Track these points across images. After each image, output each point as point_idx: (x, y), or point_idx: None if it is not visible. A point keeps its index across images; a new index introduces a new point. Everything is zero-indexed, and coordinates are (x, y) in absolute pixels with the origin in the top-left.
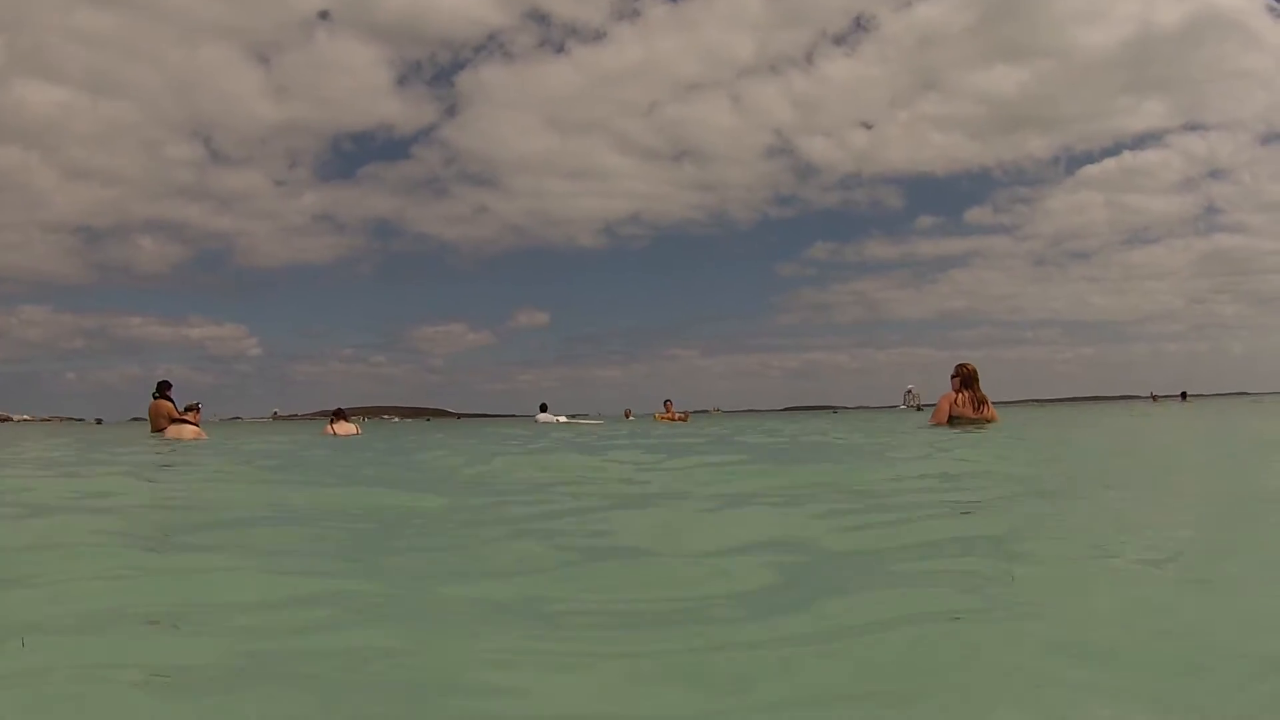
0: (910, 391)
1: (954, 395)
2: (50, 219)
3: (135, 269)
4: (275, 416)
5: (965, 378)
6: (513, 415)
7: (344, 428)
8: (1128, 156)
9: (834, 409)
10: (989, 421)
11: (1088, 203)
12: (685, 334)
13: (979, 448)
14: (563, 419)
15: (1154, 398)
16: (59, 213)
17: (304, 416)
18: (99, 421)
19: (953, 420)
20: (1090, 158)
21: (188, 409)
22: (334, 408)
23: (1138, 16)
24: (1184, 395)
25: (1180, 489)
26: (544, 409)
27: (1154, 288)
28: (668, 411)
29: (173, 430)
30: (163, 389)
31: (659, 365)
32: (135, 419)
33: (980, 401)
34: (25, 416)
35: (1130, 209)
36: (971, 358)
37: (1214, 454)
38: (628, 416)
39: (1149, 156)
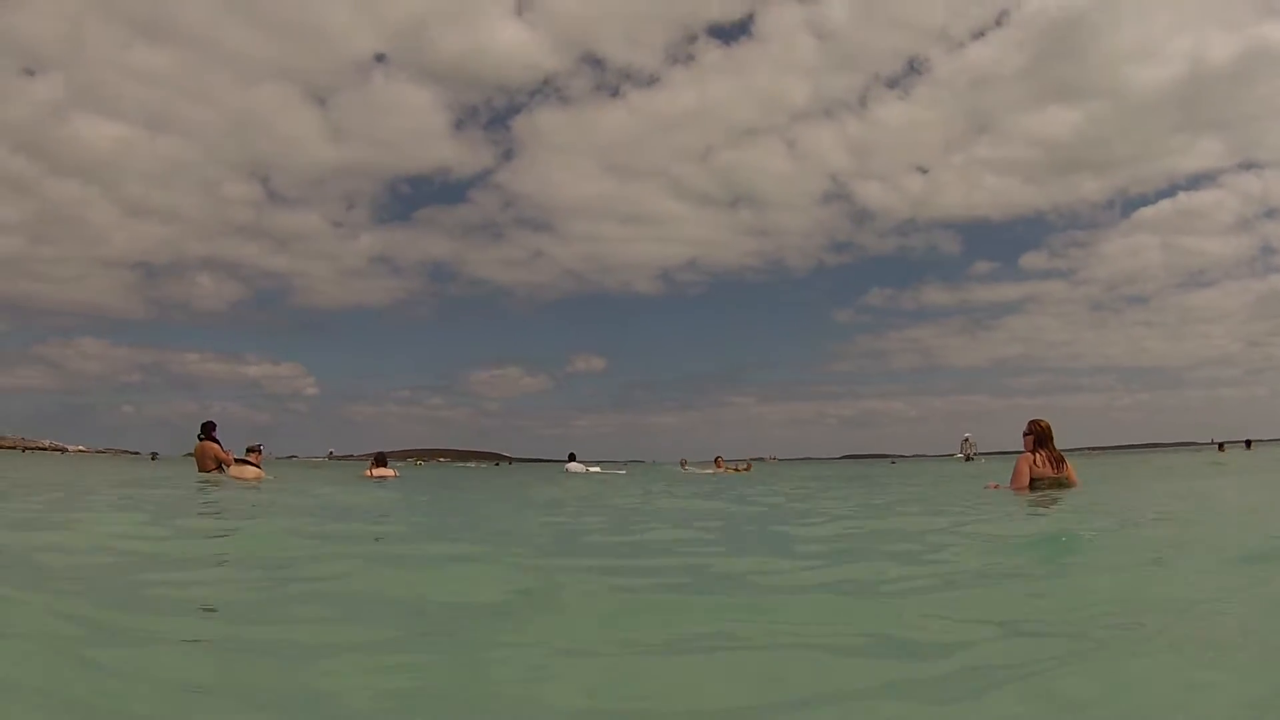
0: (967, 440)
1: (1031, 456)
2: (109, 254)
3: (192, 306)
4: (331, 456)
5: (1039, 435)
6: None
7: (382, 471)
8: (1183, 198)
9: (891, 459)
10: (1070, 483)
11: (1143, 246)
12: (742, 381)
13: None
14: (595, 469)
15: (1220, 446)
16: (117, 249)
17: (359, 457)
18: (154, 456)
19: (1033, 484)
20: (1145, 200)
21: (250, 450)
22: (385, 450)
23: (1189, 54)
24: (1248, 443)
25: None
26: (572, 458)
27: (1210, 331)
28: (718, 465)
29: (235, 470)
30: (208, 430)
31: (715, 412)
32: (189, 454)
33: (1059, 460)
34: (81, 448)
35: (1186, 251)
36: (1029, 405)
37: None
38: (683, 466)
39: (1204, 197)
